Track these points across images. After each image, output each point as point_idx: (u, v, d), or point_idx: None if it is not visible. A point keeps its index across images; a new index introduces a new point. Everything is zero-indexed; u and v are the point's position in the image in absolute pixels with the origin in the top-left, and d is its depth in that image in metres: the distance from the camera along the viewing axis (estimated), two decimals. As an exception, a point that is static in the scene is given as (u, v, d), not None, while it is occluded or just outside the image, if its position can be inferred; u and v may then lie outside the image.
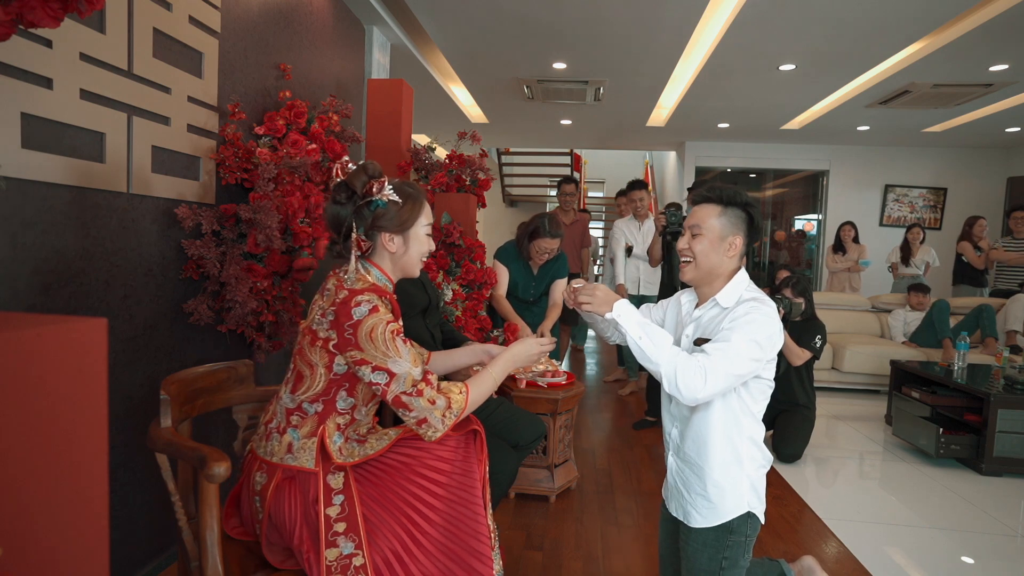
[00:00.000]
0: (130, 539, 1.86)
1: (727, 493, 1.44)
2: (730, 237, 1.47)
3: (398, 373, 1.29)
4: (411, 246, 1.44)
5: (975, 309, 4.88)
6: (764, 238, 9.38)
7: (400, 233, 1.42)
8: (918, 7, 3.51)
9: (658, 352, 1.34)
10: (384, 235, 1.40)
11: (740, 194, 1.50)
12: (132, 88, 1.75)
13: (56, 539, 0.74)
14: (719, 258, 1.47)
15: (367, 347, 1.28)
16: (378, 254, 1.43)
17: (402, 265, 1.46)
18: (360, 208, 1.37)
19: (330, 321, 1.31)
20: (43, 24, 0.95)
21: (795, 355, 3.30)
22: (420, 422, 1.31)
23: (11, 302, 1.43)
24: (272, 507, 1.33)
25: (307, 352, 1.36)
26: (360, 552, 1.26)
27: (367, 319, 1.28)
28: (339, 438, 1.38)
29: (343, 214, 1.38)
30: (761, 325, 1.37)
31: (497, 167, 10.53)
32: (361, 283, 1.35)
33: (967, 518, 2.68)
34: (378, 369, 1.28)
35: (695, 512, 1.48)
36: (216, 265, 1.99)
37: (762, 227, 1.52)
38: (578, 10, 3.70)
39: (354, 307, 1.28)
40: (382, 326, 1.29)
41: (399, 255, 1.44)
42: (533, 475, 2.68)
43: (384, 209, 1.38)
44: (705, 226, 1.48)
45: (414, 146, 3.48)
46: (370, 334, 1.28)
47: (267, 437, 1.38)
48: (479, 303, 3.12)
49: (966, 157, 7.70)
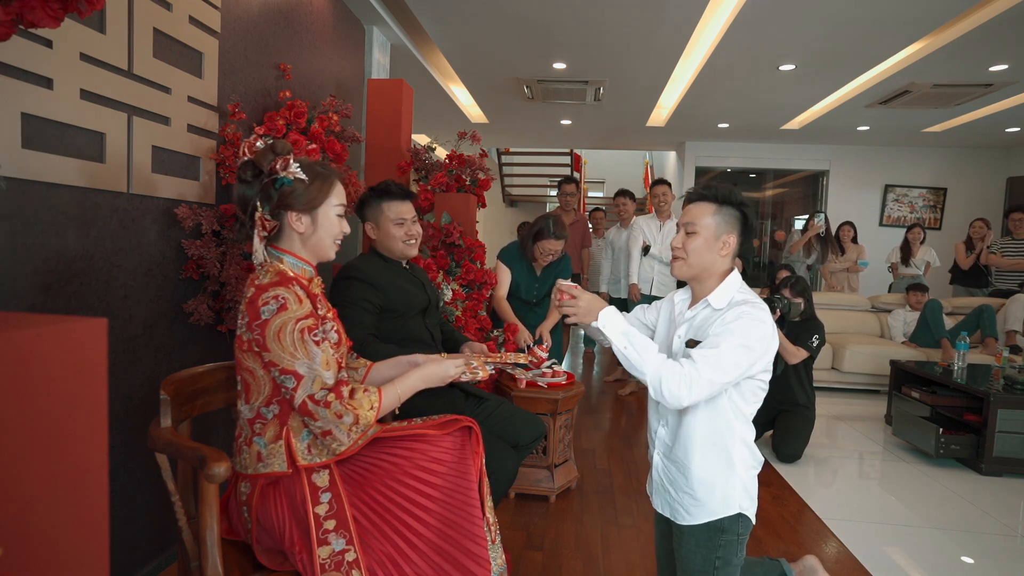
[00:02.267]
0: (130, 539, 1.86)
1: (716, 491, 1.44)
2: (724, 236, 1.47)
3: (304, 375, 1.24)
4: (320, 226, 1.38)
5: (975, 309, 4.88)
6: (764, 238, 9.39)
7: (307, 212, 1.36)
8: (918, 7, 3.51)
9: (642, 360, 1.36)
10: (291, 214, 1.35)
11: (735, 193, 1.50)
12: (132, 88, 1.75)
13: (56, 539, 0.74)
14: (712, 256, 1.47)
15: (274, 347, 1.23)
16: (287, 236, 1.38)
17: (313, 246, 1.39)
18: (266, 186, 1.33)
19: (245, 322, 1.28)
20: (43, 24, 0.95)
21: (790, 354, 3.31)
22: (324, 433, 1.27)
23: (11, 302, 1.43)
24: (260, 512, 1.33)
25: (242, 359, 1.33)
26: (352, 548, 1.25)
27: (275, 318, 1.24)
28: (307, 435, 1.34)
29: (249, 193, 1.34)
30: (751, 329, 1.37)
31: (497, 167, 10.53)
32: (271, 276, 1.29)
33: (967, 518, 2.68)
34: (286, 372, 1.24)
35: (682, 509, 1.48)
36: (216, 265, 1.99)
37: (756, 227, 1.51)
38: (578, 10, 3.70)
39: (262, 306, 1.24)
40: (291, 324, 1.24)
41: (308, 235, 1.38)
42: (533, 475, 2.68)
43: (290, 187, 1.34)
44: (700, 224, 1.48)
45: (414, 146, 3.48)
46: (278, 334, 1.23)
47: (239, 452, 1.37)
48: (479, 303, 3.12)
49: (966, 157, 7.70)
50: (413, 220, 2.09)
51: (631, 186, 5.57)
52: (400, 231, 2.07)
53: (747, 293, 1.48)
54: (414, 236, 2.09)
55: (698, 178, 8.10)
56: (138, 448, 1.85)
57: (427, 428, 1.49)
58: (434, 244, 3.13)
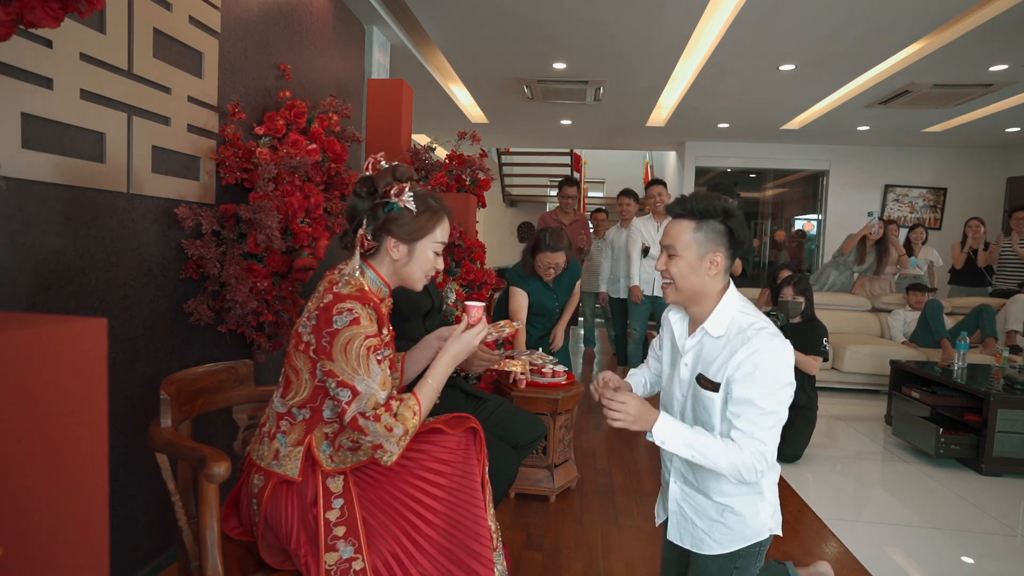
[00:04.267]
0: (130, 539, 1.86)
1: (747, 519, 1.39)
2: (709, 255, 1.34)
3: (362, 392, 1.25)
4: (415, 259, 1.39)
5: (975, 309, 4.88)
6: (764, 238, 9.39)
7: (407, 243, 1.38)
8: (918, 7, 3.51)
9: (714, 461, 1.27)
10: (390, 240, 1.37)
11: (714, 204, 1.35)
12: (132, 88, 1.75)
13: (56, 539, 0.74)
14: (700, 279, 1.35)
15: (339, 359, 1.24)
16: (380, 257, 1.40)
17: (402, 275, 1.42)
18: (376, 207, 1.35)
19: (312, 325, 1.29)
20: (43, 24, 0.95)
21: (808, 366, 3.26)
22: (376, 447, 1.28)
23: (11, 302, 1.43)
24: (268, 510, 1.33)
25: (292, 356, 1.34)
26: (360, 556, 1.26)
27: (345, 330, 1.24)
28: (328, 447, 1.35)
29: (359, 208, 1.37)
30: (773, 367, 1.27)
31: (497, 167, 10.53)
32: (350, 287, 1.30)
33: (967, 518, 2.68)
34: (343, 385, 1.24)
35: (710, 540, 1.41)
36: (216, 265, 1.99)
37: (746, 237, 1.39)
38: (578, 10, 3.70)
39: (336, 315, 1.25)
40: (359, 340, 1.25)
41: (401, 264, 1.40)
42: (533, 475, 2.68)
43: (398, 214, 1.35)
44: (679, 245, 1.35)
45: (414, 146, 3.48)
46: (345, 347, 1.24)
47: (260, 440, 1.38)
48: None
49: (966, 157, 7.71)
50: None
51: (631, 186, 5.55)
52: None
53: (748, 310, 1.37)
54: None
55: (698, 178, 8.10)
56: (138, 448, 1.85)
57: (439, 423, 1.50)
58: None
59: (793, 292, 3.39)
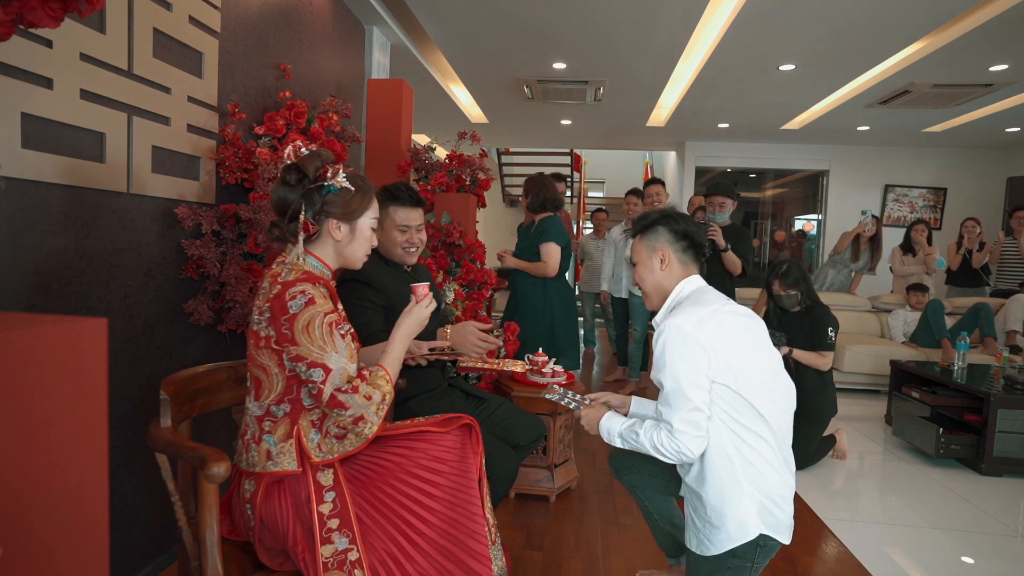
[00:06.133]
0: (130, 539, 1.86)
1: (727, 517, 1.41)
2: (657, 252, 1.58)
3: (334, 368, 1.27)
4: (356, 237, 1.43)
5: (972, 308, 4.87)
6: (764, 238, 9.39)
7: (347, 222, 1.40)
8: (918, 7, 3.51)
9: (641, 444, 1.44)
10: (332, 221, 1.39)
11: (651, 215, 1.62)
12: (132, 88, 1.75)
13: (56, 539, 0.74)
14: (655, 276, 1.58)
15: (303, 341, 1.26)
16: (321, 242, 1.41)
17: (346, 255, 1.44)
18: (310, 192, 1.36)
19: (267, 318, 1.29)
20: (43, 24, 0.95)
21: (819, 363, 3.07)
22: (357, 420, 1.29)
23: (11, 302, 1.43)
24: (263, 511, 1.33)
25: (255, 356, 1.34)
26: (355, 547, 1.26)
27: (303, 312, 1.26)
28: (316, 435, 1.36)
29: (290, 197, 1.36)
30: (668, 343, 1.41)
31: (497, 167, 10.53)
32: (296, 273, 1.32)
33: (967, 518, 2.68)
34: (314, 365, 1.26)
35: (707, 541, 1.46)
36: (216, 265, 1.99)
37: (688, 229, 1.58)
38: (578, 10, 3.70)
39: (289, 300, 1.27)
40: (319, 318, 1.27)
41: (344, 244, 1.42)
42: (533, 475, 2.68)
43: (335, 195, 1.37)
44: (636, 256, 1.63)
45: (414, 146, 3.48)
46: (307, 327, 1.26)
47: (246, 449, 1.37)
48: (479, 303, 3.12)
49: (966, 157, 7.71)
50: (418, 228, 2.05)
51: (631, 186, 5.54)
52: (402, 237, 2.04)
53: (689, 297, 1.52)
54: (415, 244, 2.06)
55: (698, 178, 8.10)
56: (138, 448, 1.85)
57: (429, 425, 1.50)
58: (434, 244, 3.13)
59: (781, 286, 3.16)
